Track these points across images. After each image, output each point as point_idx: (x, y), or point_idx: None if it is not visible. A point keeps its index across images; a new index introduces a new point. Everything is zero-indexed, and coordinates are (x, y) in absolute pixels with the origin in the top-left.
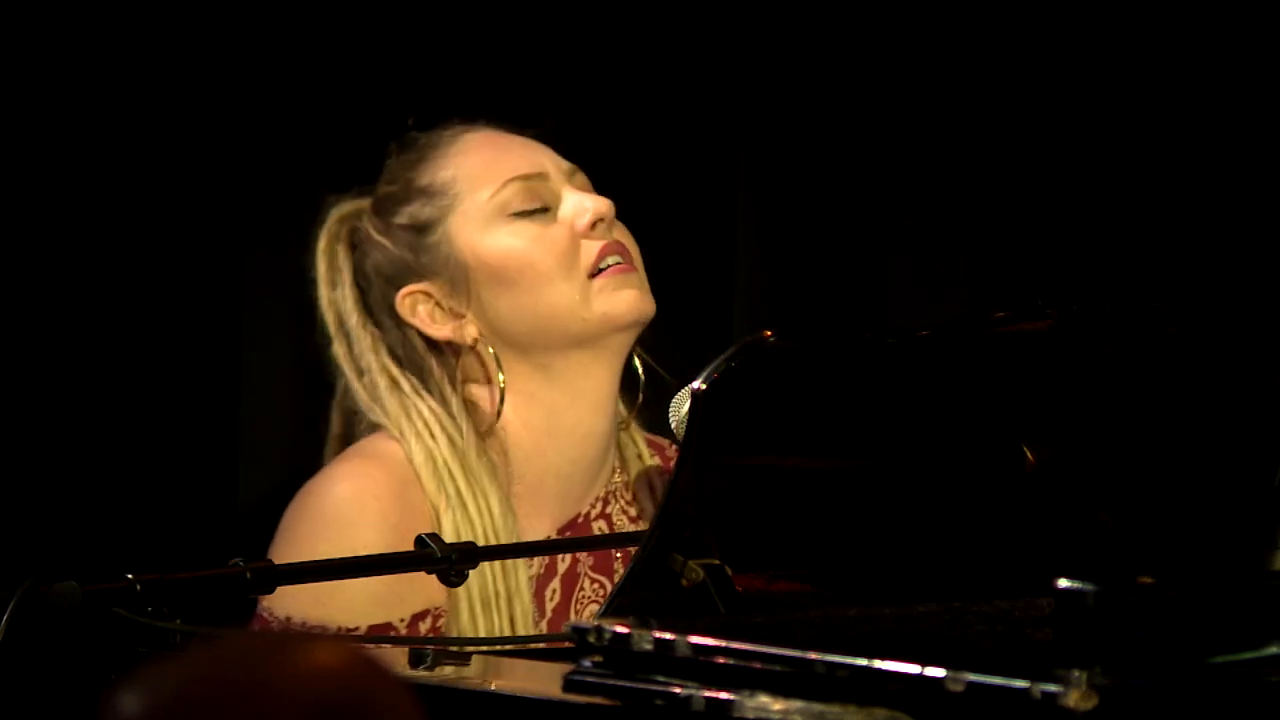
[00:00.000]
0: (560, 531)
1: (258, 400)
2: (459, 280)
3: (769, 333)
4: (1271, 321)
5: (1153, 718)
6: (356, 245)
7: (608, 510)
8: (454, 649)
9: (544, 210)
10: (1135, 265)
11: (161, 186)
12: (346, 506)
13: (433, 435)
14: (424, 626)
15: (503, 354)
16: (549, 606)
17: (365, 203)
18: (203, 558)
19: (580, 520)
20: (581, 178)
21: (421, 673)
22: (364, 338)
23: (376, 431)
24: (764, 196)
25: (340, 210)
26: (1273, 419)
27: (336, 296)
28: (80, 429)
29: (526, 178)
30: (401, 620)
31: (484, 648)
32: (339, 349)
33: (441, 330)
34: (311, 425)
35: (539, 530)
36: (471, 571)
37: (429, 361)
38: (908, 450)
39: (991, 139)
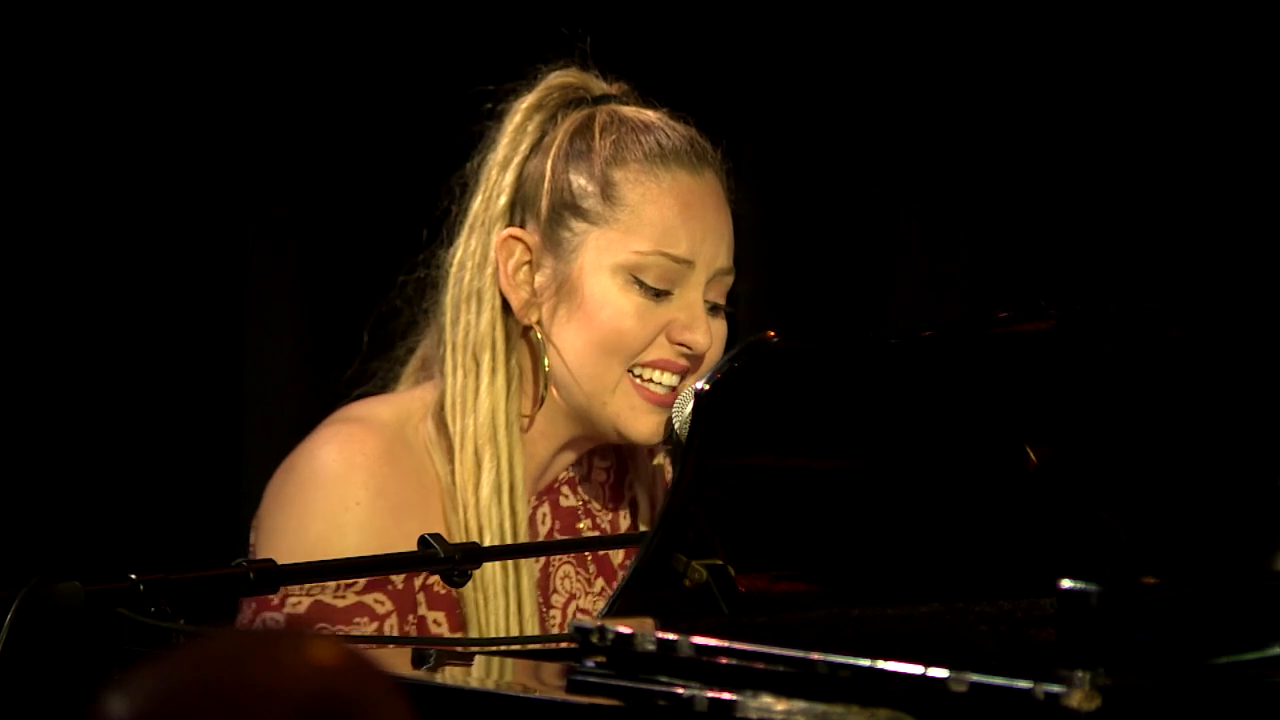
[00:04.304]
0: (539, 497)
1: (261, 400)
2: (560, 276)
3: (772, 333)
4: (1274, 322)
5: (1156, 718)
6: (544, 134)
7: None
8: (456, 649)
9: (664, 293)
10: (1136, 265)
11: (165, 188)
12: (334, 465)
13: (493, 374)
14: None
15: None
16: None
17: (590, 82)
18: (206, 558)
19: (556, 484)
20: (727, 281)
21: (424, 673)
22: (498, 223)
23: (357, 400)
24: (766, 196)
25: (563, 78)
26: (1275, 419)
27: (504, 159)
28: (83, 430)
29: (676, 259)
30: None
31: (486, 648)
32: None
33: (516, 290)
34: (315, 426)
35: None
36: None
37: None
38: (911, 450)
39: (993, 140)
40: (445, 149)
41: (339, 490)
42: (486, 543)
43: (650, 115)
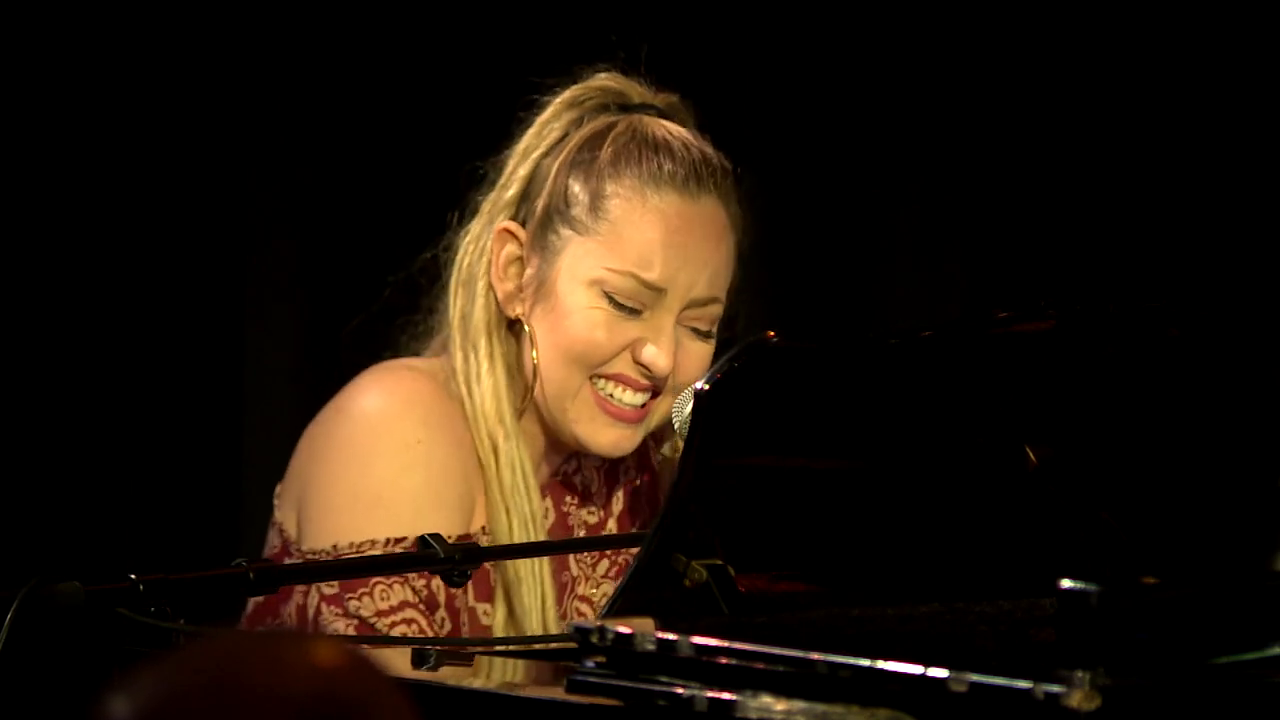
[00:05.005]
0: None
1: (261, 400)
2: (541, 276)
3: (772, 333)
4: (1274, 321)
5: (1156, 718)
6: (567, 134)
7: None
8: (456, 649)
9: (635, 311)
10: (1136, 265)
11: (166, 187)
12: (388, 405)
13: (491, 358)
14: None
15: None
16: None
17: (630, 89)
18: (206, 558)
19: (555, 480)
20: (713, 310)
21: (424, 673)
22: (501, 214)
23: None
24: (766, 196)
25: (604, 81)
26: (1276, 419)
27: (530, 148)
28: (84, 430)
29: (646, 284)
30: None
31: (486, 648)
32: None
33: (503, 282)
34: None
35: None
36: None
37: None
38: (910, 450)
39: (991, 141)
40: (448, 150)
41: (398, 429)
42: (514, 524)
43: (671, 132)
